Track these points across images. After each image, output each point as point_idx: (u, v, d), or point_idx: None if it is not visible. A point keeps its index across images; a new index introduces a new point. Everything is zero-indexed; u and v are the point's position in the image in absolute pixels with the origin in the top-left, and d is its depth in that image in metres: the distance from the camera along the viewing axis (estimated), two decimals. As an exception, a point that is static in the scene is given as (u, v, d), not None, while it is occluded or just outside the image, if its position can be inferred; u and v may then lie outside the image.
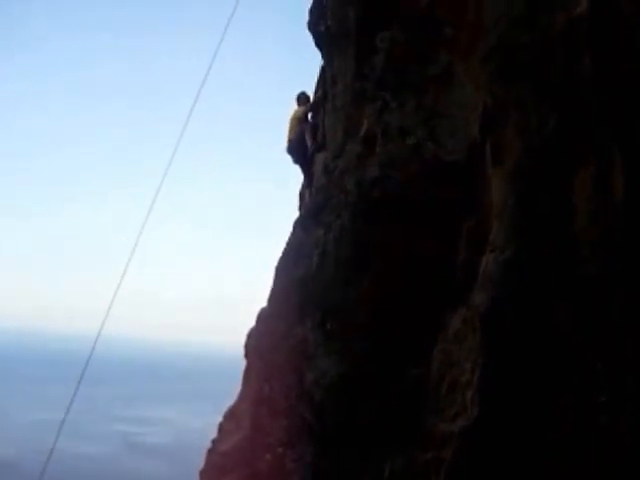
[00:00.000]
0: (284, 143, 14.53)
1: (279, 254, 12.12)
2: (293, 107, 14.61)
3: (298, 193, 14.68)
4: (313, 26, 13.61)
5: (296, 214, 13.02)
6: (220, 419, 12.36)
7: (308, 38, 13.89)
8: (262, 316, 11.98)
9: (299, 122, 14.26)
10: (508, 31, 9.50)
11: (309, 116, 14.39)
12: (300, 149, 14.20)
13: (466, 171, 9.87)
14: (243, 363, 12.27)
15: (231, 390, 12.67)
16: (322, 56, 13.84)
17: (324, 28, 13.15)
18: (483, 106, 9.74)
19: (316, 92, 14.27)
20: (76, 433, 65.51)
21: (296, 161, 14.43)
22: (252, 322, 12.29)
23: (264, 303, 12.12)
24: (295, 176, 14.82)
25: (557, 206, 8.78)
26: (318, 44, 13.69)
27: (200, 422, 61.00)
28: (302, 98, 14.60)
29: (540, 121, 9.04)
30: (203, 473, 11.79)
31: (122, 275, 11.39)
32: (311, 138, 13.91)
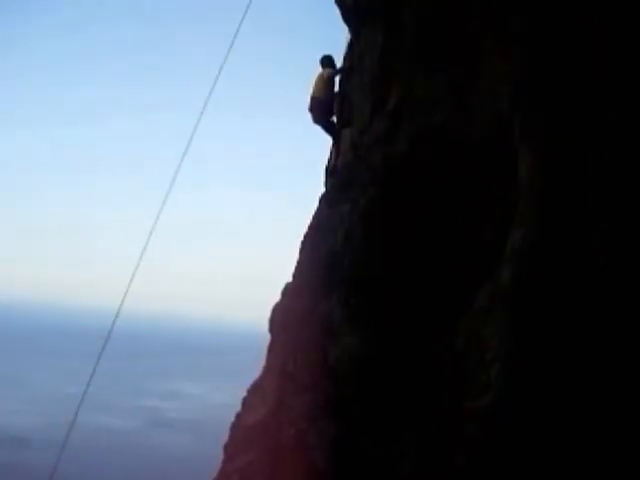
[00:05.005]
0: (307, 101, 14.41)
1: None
2: (318, 69, 14.48)
3: (324, 169, 14.63)
4: (341, 0, 13.49)
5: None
6: (245, 394, 12.42)
7: (336, 12, 13.78)
8: (287, 291, 12.00)
9: (325, 84, 14.09)
10: (540, 7, 9.39)
11: (336, 84, 14.25)
12: (324, 110, 14.07)
13: (493, 146, 9.78)
14: (267, 338, 12.31)
15: (255, 365, 12.71)
16: (350, 31, 13.74)
17: (352, 3, 13.03)
18: (512, 82, 9.65)
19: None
20: (103, 407, 66.61)
21: (316, 121, 14.29)
22: (276, 298, 12.32)
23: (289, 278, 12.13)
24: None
25: (584, 184, 8.71)
26: (346, 19, 13.57)
27: (225, 397, 61.61)
28: (326, 61, 14.43)
29: (570, 99, 8.96)
30: (227, 447, 11.87)
31: (143, 248, 11.36)
32: (339, 108, 13.79)
